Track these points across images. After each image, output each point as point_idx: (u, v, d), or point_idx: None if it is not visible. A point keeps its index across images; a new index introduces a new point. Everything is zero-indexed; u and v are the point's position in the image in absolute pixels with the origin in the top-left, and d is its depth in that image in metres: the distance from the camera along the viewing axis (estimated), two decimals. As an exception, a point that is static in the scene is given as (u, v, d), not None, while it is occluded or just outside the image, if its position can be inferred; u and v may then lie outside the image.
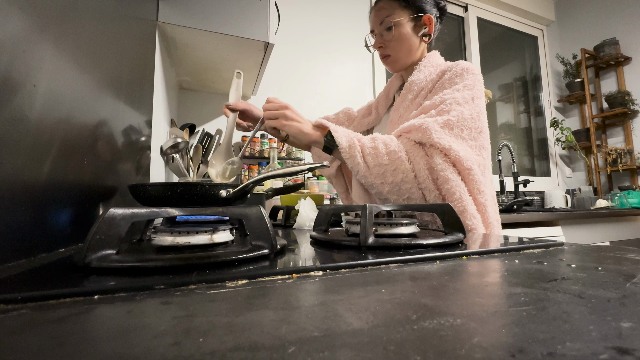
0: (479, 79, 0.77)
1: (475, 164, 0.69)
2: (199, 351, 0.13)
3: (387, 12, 0.83)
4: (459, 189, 0.67)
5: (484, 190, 0.70)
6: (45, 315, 0.18)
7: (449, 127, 0.68)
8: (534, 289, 0.21)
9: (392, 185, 0.68)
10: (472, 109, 0.71)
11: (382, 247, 0.37)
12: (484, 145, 0.73)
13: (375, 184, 0.69)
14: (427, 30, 0.84)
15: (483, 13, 2.76)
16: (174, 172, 1.00)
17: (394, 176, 0.67)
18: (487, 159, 0.75)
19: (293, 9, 1.99)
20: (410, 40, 0.84)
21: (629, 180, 2.57)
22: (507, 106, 2.98)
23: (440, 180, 0.67)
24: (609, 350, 0.12)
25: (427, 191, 0.68)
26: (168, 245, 0.33)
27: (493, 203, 0.76)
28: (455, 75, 0.76)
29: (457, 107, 0.70)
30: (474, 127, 0.71)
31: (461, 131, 0.69)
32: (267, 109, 0.74)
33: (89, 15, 0.46)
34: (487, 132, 0.76)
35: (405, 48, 0.84)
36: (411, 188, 0.68)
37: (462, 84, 0.74)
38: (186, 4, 1.02)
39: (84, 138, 0.45)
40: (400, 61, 0.87)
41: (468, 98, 0.72)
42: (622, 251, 0.34)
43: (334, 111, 1.30)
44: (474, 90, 0.74)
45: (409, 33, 0.83)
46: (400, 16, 0.82)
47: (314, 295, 0.21)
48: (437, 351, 0.12)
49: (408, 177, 0.67)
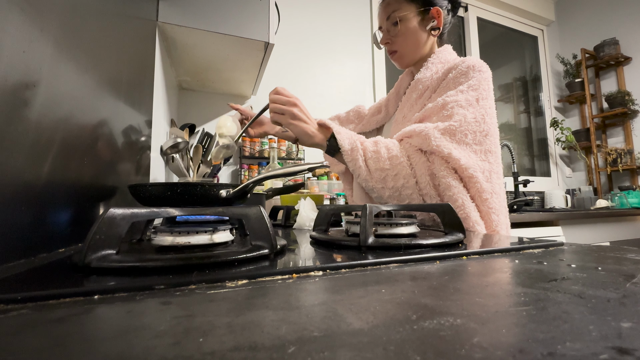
0: (485, 77, 0.72)
1: (479, 170, 0.66)
2: (199, 351, 0.13)
3: (394, 7, 0.81)
4: (461, 195, 0.66)
5: (488, 198, 0.67)
6: (45, 315, 0.18)
7: (450, 133, 0.66)
8: (534, 289, 0.21)
9: (393, 190, 0.67)
10: (476, 111, 0.68)
11: (382, 247, 0.37)
12: (490, 149, 0.69)
13: (376, 188, 0.68)
14: (435, 24, 0.81)
15: (483, 13, 2.76)
16: (174, 172, 1.00)
17: (395, 181, 0.67)
18: (495, 162, 0.70)
19: (293, 9, 1.99)
20: (417, 35, 0.81)
21: (629, 180, 2.57)
22: (507, 106, 2.97)
23: (442, 187, 0.66)
24: (609, 350, 0.12)
25: (427, 197, 0.67)
26: (168, 245, 0.33)
27: (502, 208, 0.72)
28: (460, 75, 0.73)
29: (460, 111, 0.67)
30: (479, 130, 0.68)
31: (465, 136, 0.66)
32: (273, 101, 0.68)
33: (89, 15, 0.46)
34: (496, 133, 0.72)
35: (412, 43, 0.82)
36: (412, 194, 0.67)
37: (467, 84, 0.71)
38: (186, 4, 1.02)
39: (84, 138, 0.45)
40: (407, 57, 0.84)
41: (472, 100, 0.69)
42: (622, 251, 0.34)
43: (334, 111, 1.30)
44: (479, 91, 0.70)
45: (415, 27, 0.81)
46: (406, 10, 0.80)
47: (314, 295, 0.21)
48: (437, 351, 0.12)
49: (409, 182, 0.66)
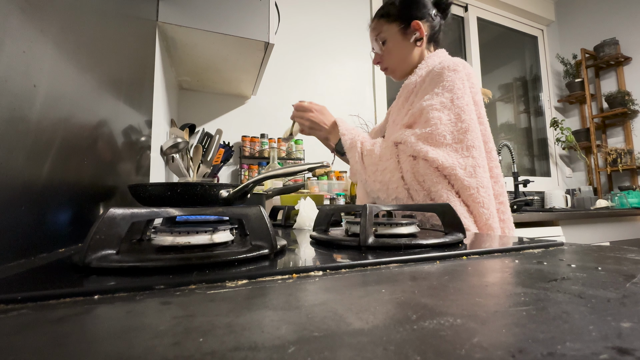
0: (459, 76, 0.75)
1: (460, 167, 0.69)
2: (199, 351, 0.13)
3: (378, 30, 0.90)
4: (445, 191, 0.70)
5: (474, 193, 0.69)
6: (45, 315, 0.18)
7: (427, 138, 0.70)
8: (534, 289, 0.21)
9: (382, 184, 0.75)
10: (451, 112, 0.72)
11: (382, 247, 0.37)
12: (473, 144, 0.71)
13: (369, 181, 0.77)
14: (418, 35, 0.87)
15: (483, 13, 2.76)
16: (174, 172, 1.00)
17: (382, 175, 0.74)
18: (480, 157, 0.71)
19: (293, 9, 1.99)
20: (403, 50, 0.89)
21: (629, 180, 2.57)
22: (507, 106, 2.97)
23: (428, 184, 0.70)
24: (609, 350, 0.12)
25: (413, 191, 0.72)
26: (168, 245, 0.33)
27: (492, 200, 0.73)
28: (435, 76, 0.76)
29: (436, 114, 0.71)
30: (456, 129, 0.71)
31: (443, 138, 0.70)
32: (296, 112, 0.90)
33: (89, 15, 0.46)
34: (475, 128, 0.73)
35: (399, 58, 0.90)
36: (397, 187, 0.73)
37: (441, 86, 0.74)
38: (186, 4, 1.02)
39: (84, 138, 0.45)
40: (398, 70, 0.92)
41: (446, 102, 0.72)
42: (622, 251, 0.34)
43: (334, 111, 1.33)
44: (454, 91, 0.73)
45: (400, 43, 0.88)
46: (388, 31, 0.89)
47: (314, 295, 0.21)
48: (437, 351, 0.12)
49: (394, 176, 0.73)
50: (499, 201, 0.76)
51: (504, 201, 0.77)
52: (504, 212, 0.76)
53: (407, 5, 0.87)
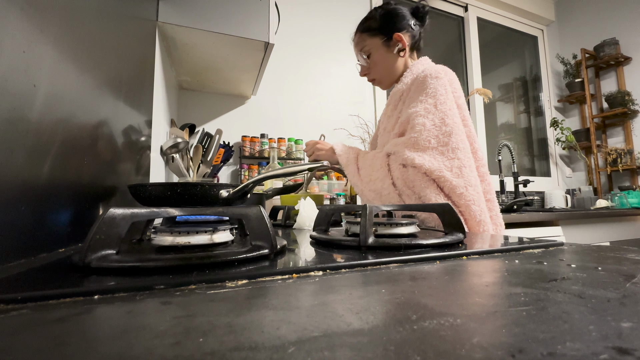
0: (441, 82, 0.79)
1: (446, 169, 0.72)
2: (199, 351, 0.13)
3: (361, 45, 0.94)
4: (434, 195, 0.72)
5: (463, 192, 0.72)
6: (45, 315, 0.18)
7: (412, 144, 0.74)
8: (534, 289, 0.21)
9: (375, 193, 0.79)
10: (434, 117, 0.75)
11: (382, 247, 0.37)
12: (458, 146, 0.73)
13: (365, 190, 0.82)
14: (401, 46, 0.90)
15: (483, 13, 2.76)
16: (174, 172, 1.00)
17: (375, 184, 0.79)
18: (466, 157, 0.74)
19: (293, 9, 1.99)
20: (387, 61, 0.92)
21: (629, 180, 2.57)
22: (507, 106, 2.97)
23: (417, 189, 0.73)
24: (609, 350, 0.12)
25: (405, 196, 0.75)
26: (168, 245, 0.33)
27: (481, 197, 0.76)
28: (419, 84, 0.81)
29: (420, 120, 0.75)
30: (441, 133, 0.74)
31: (428, 142, 0.73)
32: (306, 149, 0.99)
33: (89, 15, 0.46)
34: (460, 130, 0.76)
35: (384, 69, 0.93)
36: (390, 194, 0.77)
37: (424, 94, 0.78)
38: (186, 4, 1.02)
39: (84, 138, 0.45)
40: (384, 80, 0.96)
41: (430, 107, 0.76)
42: (622, 251, 0.34)
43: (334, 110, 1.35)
44: (437, 97, 0.77)
45: (383, 55, 0.92)
46: (371, 44, 0.92)
47: (314, 295, 0.21)
48: (437, 351, 0.12)
49: (386, 183, 0.76)
50: (487, 198, 0.80)
51: (491, 198, 0.82)
52: (491, 208, 0.80)
53: (388, 20, 0.90)
